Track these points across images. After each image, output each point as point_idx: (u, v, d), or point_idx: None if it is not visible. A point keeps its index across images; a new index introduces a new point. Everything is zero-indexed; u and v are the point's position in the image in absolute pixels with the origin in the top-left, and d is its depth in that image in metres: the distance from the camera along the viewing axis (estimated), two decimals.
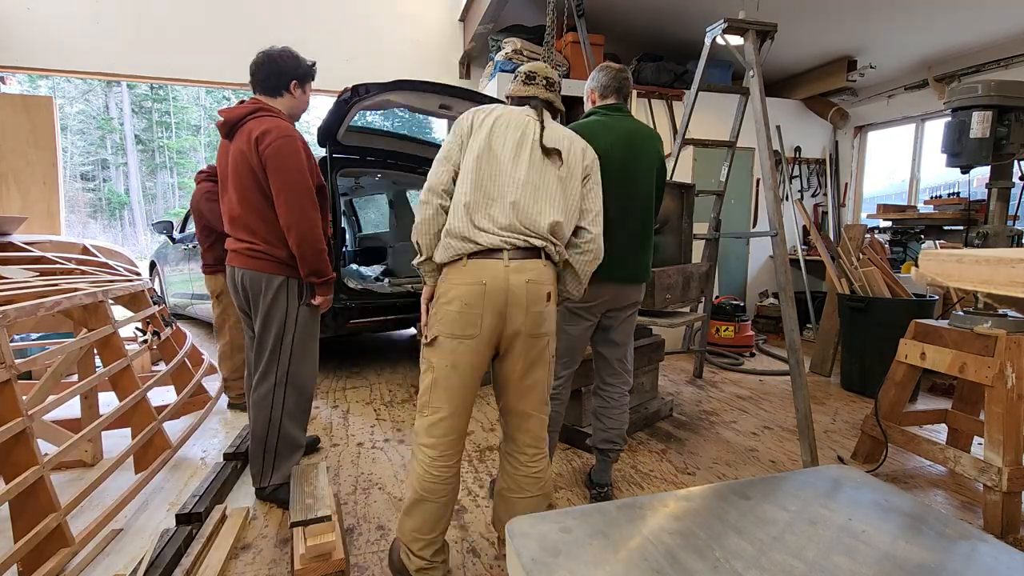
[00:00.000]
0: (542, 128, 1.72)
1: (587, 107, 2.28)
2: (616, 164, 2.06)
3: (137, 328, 3.34)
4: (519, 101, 1.83)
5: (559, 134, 1.76)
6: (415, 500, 1.68)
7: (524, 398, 1.71)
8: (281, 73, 2.17)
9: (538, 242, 1.63)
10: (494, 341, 1.63)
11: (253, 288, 2.14)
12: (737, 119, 3.81)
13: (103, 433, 2.56)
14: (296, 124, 2.26)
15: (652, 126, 5.53)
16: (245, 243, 2.13)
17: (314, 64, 2.25)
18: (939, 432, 2.98)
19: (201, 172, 3.39)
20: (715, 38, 3.21)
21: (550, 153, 1.69)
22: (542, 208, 1.64)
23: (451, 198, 1.66)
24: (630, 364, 2.32)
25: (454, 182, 1.67)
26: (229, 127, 2.13)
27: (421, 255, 1.69)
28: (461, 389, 1.64)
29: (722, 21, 3.08)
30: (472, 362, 1.62)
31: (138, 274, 3.43)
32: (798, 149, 6.22)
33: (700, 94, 3.61)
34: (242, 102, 2.18)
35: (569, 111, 5.72)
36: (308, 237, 2.07)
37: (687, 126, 3.67)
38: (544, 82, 1.84)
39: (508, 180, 1.63)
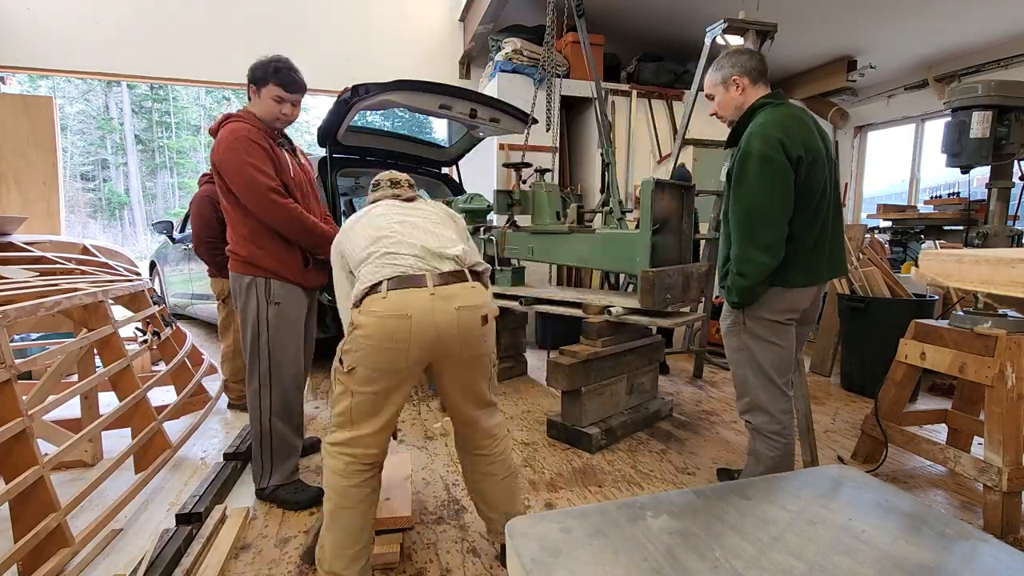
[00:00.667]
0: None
1: (730, 99, 2.02)
2: (824, 160, 1.89)
3: (137, 328, 3.34)
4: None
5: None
6: (333, 512, 1.56)
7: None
8: (249, 79, 2.23)
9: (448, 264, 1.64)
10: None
11: (233, 289, 2.24)
12: None
13: (103, 433, 2.56)
14: (295, 124, 2.28)
15: (652, 126, 5.54)
16: (227, 247, 2.25)
17: (278, 68, 2.17)
18: (939, 432, 2.98)
19: (205, 175, 3.40)
20: (715, 38, 3.21)
21: (397, 189, 1.95)
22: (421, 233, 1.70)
23: None
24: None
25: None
26: (213, 137, 2.24)
27: None
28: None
29: (722, 21, 3.08)
30: (386, 397, 1.58)
31: (138, 274, 3.43)
32: None
33: (700, 94, 3.62)
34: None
35: (569, 111, 5.73)
36: (288, 227, 2.16)
37: (687, 126, 3.67)
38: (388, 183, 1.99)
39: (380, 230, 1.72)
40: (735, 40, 3.14)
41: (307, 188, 2.32)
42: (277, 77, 2.17)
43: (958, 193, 4.75)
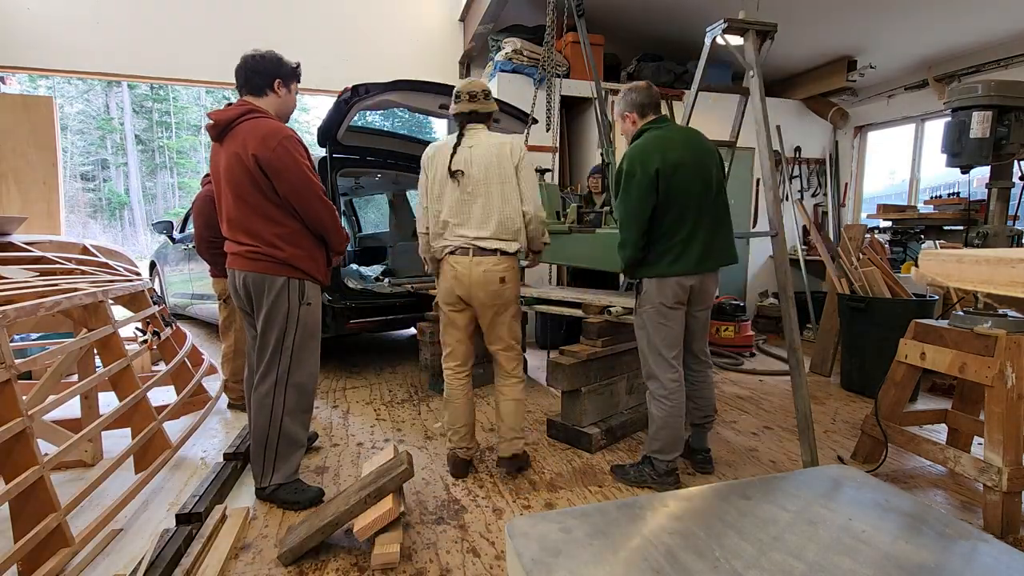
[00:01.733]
0: (452, 153, 2.33)
1: (628, 129, 2.45)
2: (690, 170, 2.26)
3: (137, 328, 3.35)
4: (456, 118, 2.43)
5: (472, 153, 2.32)
6: (446, 401, 2.56)
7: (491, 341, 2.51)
8: (265, 73, 2.18)
9: (486, 244, 2.33)
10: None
11: (256, 289, 2.16)
12: (737, 119, 3.80)
13: (103, 433, 2.56)
14: (297, 124, 2.27)
15: None
16: (246, 246, 2.14)
17: (298, 66, 2.29)
18: (939, 432, 2.98)
19: (207, 175, 3.40)
20: (715, 38, 3.21)
21: (455, 175, 2.31)
22: (479, 219, 2.33)
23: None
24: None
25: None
26: (219, 130, 2.14)
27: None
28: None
29: (722, 21, 3.07)
30: (455, 324, 2.49)
31: (138, 274, 3.43)
32: (798, 149, 6.22)
33: (700, 94, 3.60)
34: (230, 104, 2.19)
35: (569, 111, 5.73)
36: (331, 228, 2.24)
37: (687, 126, 3.67)
38: (467, 96, 2.38)
39: (448, 210, 2.35)
40: (735, 40, 3.14)
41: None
42: (297, 75, 2.27)
43: (958, 193, 4.75)
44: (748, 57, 2.98)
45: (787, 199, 6.07)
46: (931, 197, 5.17)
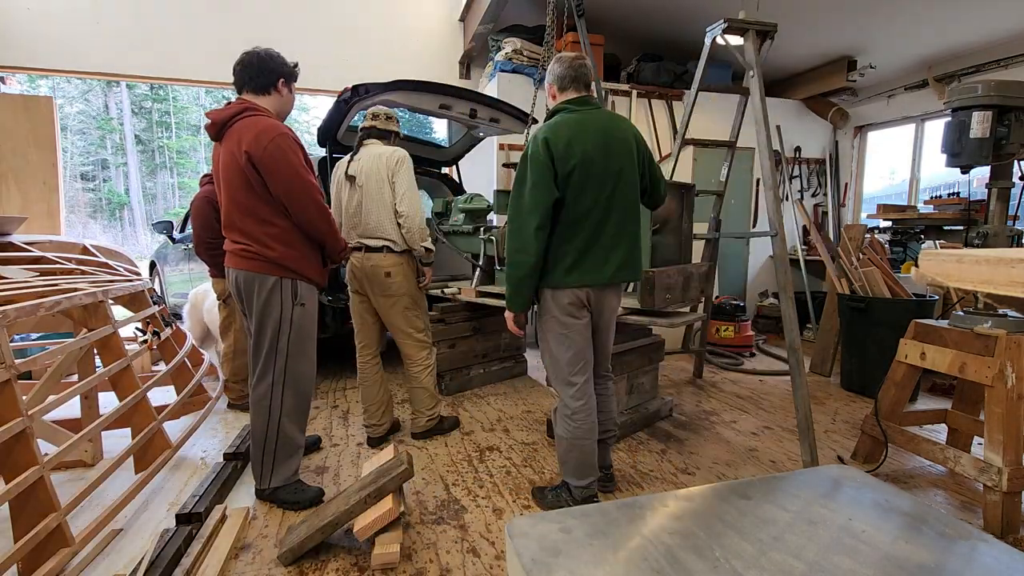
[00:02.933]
0: (348, 162, 2.77)
1: (549, 104, 2.18)
2: (599, 166, 1.99)
3: (137, 328, 3.34)
4: (359, 132, 2.88)
5: (361, 163, 2.72)
6: (359, 382, 2.95)
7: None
8: (270, 71, 2.18)
9: (374, 242, 2.71)
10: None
11: (247, 288, 2.15)
12: (737, 119, 3.81)
13: (103, 433, 2.56)
14: (298, 125, 2.27)
15: (652, 126, 5.53)
16: (239, 244, 2.14)
17: (296, 65, 2.30)
18: (939, 432, 2.98)
19: (205, 175, 3.40)
20: (715, 38, 3.21)
21: (350, 181, 2.72)
22: (365, 220, 2.70)
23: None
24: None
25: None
26: (217, 129, 2.13)
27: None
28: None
29: (722, 21, 3.08)
30: (358, 310, 2.90)
31: (138, 274, 3.43)
32: (798, 149, 6.22)
33: (700, 94, 3.60)
34: (228, 103, 2.18)
35: None
36: (327, 234, 2.24)
37: (687, 126, 3.67)
38: (371, 116, 2.88)
39: (345, 211, 2.76)
40: (735, 40, 3.14)
41: None
42: (296, 75, 2.27)
43: (958, 193, 4.74)
44: (748, 57, 2.99)
45: (787, 199, 6.07)
46: (931, 197, 5.17)
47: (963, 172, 2.61)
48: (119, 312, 2.83)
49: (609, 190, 2.02)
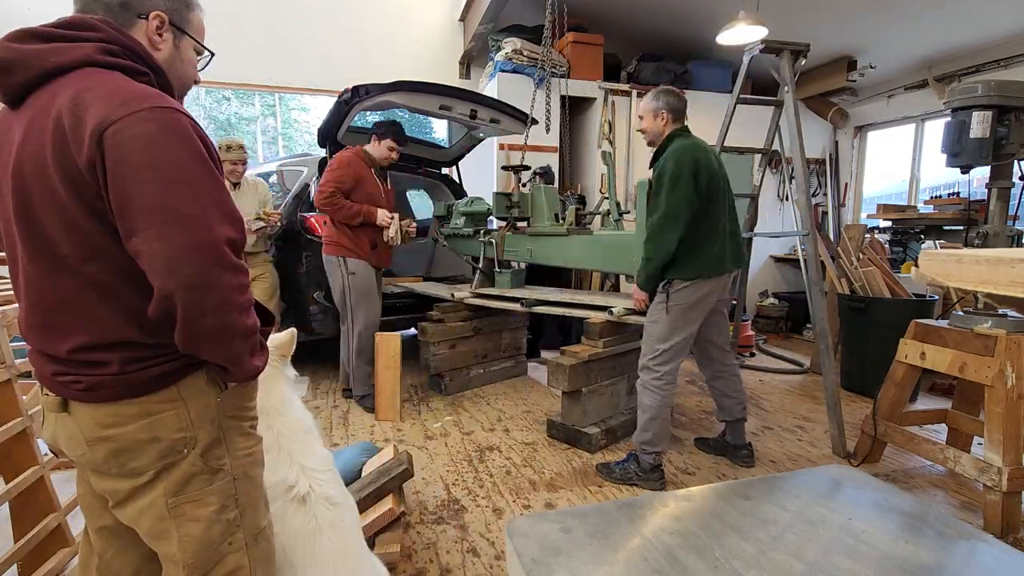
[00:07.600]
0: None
1: (655, 129, 2.51)
2: (720, 181, 2.45)
3: None
4: None
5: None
6: None
7: None
8: (371, 131, 2.33)
9: None
10: None
11: (326, 266, 3.43)
12: (771, 128, 3.98)
13: None
14: (297, 124, 2.26)
15: None
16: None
17: (398, 127, 3.16)
18: (939, 432, 2.98)
19: None
20: (752, 57, 3.39)
21: None
22: None
23: None
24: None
25: None
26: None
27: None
28: None
29: (759, 42, 3.31)
30: None
31: None
32: None
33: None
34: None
35: (571, 109, 5.72)
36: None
37: (725, 135, 3.75)
38: (224, 147, 3.43)
39: None
40: (757, 53, 3.34)
41: (379, 198, 3.35)
42: (392, 132, 3.27)
43: (958, 193, 4.75)
44: (783, 74, 3.29)
45: (787, 199, 6.06)
46: (931, 197, 5.17)
47: (963, 172, 2.61)
48: None
49: (723, 198, 2.47)
